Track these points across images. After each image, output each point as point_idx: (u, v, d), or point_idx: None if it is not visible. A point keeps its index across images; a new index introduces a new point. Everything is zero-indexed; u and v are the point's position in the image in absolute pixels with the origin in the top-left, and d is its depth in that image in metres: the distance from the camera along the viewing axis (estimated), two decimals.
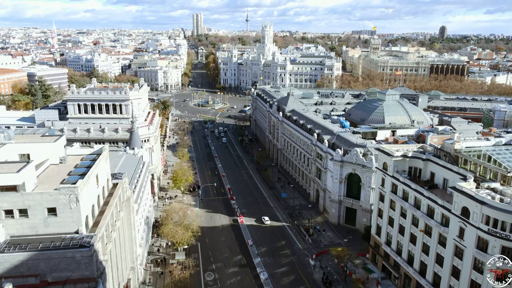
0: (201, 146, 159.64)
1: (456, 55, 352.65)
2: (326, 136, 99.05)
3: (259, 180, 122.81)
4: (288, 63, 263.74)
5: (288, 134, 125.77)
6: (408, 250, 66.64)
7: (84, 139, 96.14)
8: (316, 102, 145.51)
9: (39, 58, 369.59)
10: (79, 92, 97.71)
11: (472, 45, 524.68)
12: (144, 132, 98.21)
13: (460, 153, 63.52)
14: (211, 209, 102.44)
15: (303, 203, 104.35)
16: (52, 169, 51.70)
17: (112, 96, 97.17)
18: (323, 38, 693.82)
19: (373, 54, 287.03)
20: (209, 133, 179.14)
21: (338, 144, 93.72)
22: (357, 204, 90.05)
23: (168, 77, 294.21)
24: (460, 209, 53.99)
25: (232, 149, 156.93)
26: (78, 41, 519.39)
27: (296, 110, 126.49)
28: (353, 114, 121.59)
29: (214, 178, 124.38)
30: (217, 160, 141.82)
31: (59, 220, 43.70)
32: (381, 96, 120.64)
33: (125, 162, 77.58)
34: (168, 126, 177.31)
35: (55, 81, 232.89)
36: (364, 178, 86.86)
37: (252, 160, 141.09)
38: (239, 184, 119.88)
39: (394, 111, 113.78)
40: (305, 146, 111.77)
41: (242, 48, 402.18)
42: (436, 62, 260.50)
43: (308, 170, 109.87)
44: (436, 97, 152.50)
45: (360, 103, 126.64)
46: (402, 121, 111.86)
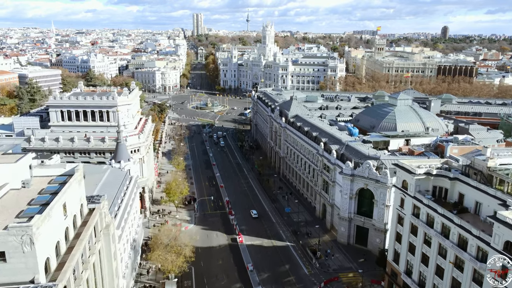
0: (198, 153, 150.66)
1: (461, 56, 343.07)
2: (334, 146, 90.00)
3: (260, 191, 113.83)
4: (290, 64, 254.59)
5: (291, 142, 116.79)
6: (434, 283, 57.43)
7: (68, 150, 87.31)
8: (320, 106, 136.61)
9: (35, 58, 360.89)
10: (62, 98, 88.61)
11: (475, 46, 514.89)
12: (134, 141, 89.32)
13: (495, 172, 54.52)
14: (208, 225, 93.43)
15: (308, 219, 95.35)
16: (10, 196, 42.72)
17: (99, 102, 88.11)
18: (324, 38, 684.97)
19: (377, 55, 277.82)
20: (208, 138, 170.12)
21: (348, 156, 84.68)
22: (369, 222, 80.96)
23: (166, 78, 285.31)
24: (502, 244, 44.92)
25: (232, 156, 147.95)
26: (76, 41, 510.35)
27: (300, 116, 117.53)
28: (362, 120, 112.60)
29: (212, 189, 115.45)
30: (215, 169, 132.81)
31: (9, 267, 34.62)
32: (392, 101, 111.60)
33: (108, 179, 68.71)
34: (164, 131, 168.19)
35: (47, 83, 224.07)
36: (378, 194, 77.82)
37: (253, 168, 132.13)
38: (239, 196, 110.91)
39: (407, 117, 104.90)
40: (310, 155, 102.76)
41: (242, 49, 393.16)
42: (443, 63, 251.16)
43: (314, 182, 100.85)
44: (448, 100, 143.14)
45: (369, 108, 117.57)
46: (416, 128, 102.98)
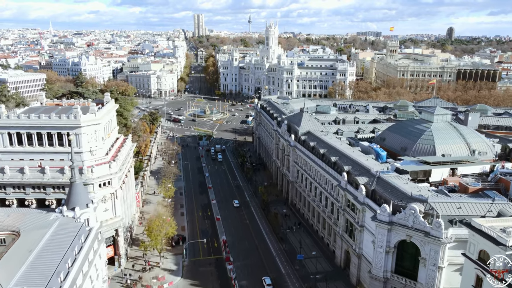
0: (193, 171, 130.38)
1: (476, 58, 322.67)
2: (361, 178, 69.52)
3: (265, 226, 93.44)
4: (296, 68, 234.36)
5: (302, 165, 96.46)
6: None
7: (16, 184, 67.23)
8: (335, 119, 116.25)
9: (26, 61, 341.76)
10: (9, 116, 68.46)
11: (484, 47, 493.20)
12: (103, 172, 69.08)
13: None
14: (198, 279, 72.98)
15: (326, 268, 75.08)
16: None
17: (57, 122, 67.84)
18: (328, 39, 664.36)
19: (390, 58, 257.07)
20: (204, 152, 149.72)
21: (382, 193, 64.29)
22: (413, 287, 60.54)
23: (162, 82, 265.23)
24: None
25: (231, 175, 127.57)
26: (71, 43, 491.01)
27: (312, 133, 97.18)
28: (389, 139, 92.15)
29: (206, 223, 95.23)
30: (212, 193, 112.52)
31: None
32: (426, 116, 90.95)
33: (53, 238, 48.65)
34: (155, 144, 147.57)
35: (30, 88, 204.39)
36: (426, 250, 57.36)
37: (256, 192, 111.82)
38: (238, 233, 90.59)
39: (447, 137, 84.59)
40: (329, 186, 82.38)
41: (244, 50, 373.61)
42: (463, 67, 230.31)
43: (333, 220, 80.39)
44: (483, 112, 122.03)
45: (398, 125, 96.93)
46: (459, 151, 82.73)
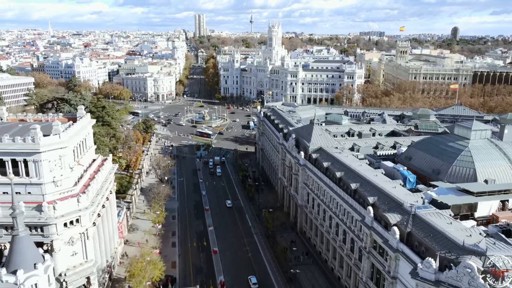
0: (188, 189, 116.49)
1: (488, 59, 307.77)
2: (392, 216, 55.35)
3: (270, 262, 79.31)
4: (300, 70, 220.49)
5: (314, 188, 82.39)
6: None
7: None
8: (348, 130, 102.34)
9: (19, 62, 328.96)
10: None
11: (493, 47, 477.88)
12: (69, 208, 55.28)
13: None
14: None
15: None
16: None
17: (10, 146, 54.12)
18: (331, 39, 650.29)
19: (400, 59, 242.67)
20: (202, 165, 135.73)
21: (422, 240, 50.13)
22: None
23: (159, 85, 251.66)
24: None
25: (231, 193, 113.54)
26: (68, 43, 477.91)
27: (325, 150, 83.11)
28: (416, 159, 78.09)
29: (201, 256, 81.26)
30: (208, 217, 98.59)
31: None
32: (462, 132, 76.59)
33: None
34: (148, 156, 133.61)
35: (16, 93, 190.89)
36: None
37: (259, 215, 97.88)
38: (239, 269, 76.59)
39: (489, 158, 70.91)
40: (348, 218, 68.33)
41: (245, 51, 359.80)
42: (479, 69, 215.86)
43: (354, 261, 66.26)
44: None
45: (426, 141, 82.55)
46: (504, 175, 68.83)
